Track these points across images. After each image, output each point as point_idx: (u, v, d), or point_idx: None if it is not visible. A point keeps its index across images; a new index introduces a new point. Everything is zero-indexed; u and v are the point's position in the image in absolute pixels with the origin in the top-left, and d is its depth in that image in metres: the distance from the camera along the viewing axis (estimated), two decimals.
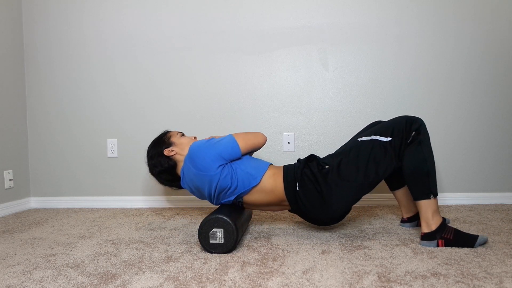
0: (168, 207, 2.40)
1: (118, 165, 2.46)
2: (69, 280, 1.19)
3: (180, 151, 1.62)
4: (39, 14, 2.48)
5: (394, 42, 2.28)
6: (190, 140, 1.66)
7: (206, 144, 1.53)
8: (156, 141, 1.67)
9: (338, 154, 1.54)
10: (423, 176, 1.43)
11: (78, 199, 2.49)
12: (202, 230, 1.43)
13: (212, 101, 2.39)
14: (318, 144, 2.34)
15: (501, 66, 2.24)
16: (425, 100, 2.27)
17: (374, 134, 1.49)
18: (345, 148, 1.56)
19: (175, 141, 1.65)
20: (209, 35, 2.38)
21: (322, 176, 1.48)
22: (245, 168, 1.54)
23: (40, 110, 2.50)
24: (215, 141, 1.54)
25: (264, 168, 1.56)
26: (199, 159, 1.50)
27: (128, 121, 2.45)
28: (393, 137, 1.46)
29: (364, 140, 1.50)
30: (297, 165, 1.58)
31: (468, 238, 1.40)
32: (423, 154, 1.44)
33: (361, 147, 1.49)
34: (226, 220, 1.42)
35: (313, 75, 2.34)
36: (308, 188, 1.50)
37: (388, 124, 1.51)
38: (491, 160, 2.26)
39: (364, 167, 1.46)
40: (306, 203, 1.51)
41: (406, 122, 1.47)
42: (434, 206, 1.43)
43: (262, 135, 1.64)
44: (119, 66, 2.45)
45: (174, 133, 1.70)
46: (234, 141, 1.54)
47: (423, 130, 1.46)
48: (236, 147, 1.53)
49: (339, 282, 1.12)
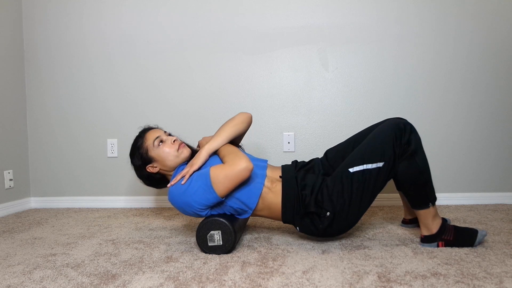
0: (168, 207, 2.40)
1: (118, 165, 2.46)
2: (69, 280, 1.19)
3: (163, 166, 1.54)
4: (39, 14, 2.48)
5: (394, 42, 2.28)
6: (170, 150, 1.52)
7: (184, 195, 1.38)
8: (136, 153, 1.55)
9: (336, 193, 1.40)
10: (420, 188, 1.40)
11: (78, 199, 2.49)
12: (200, 234, 1.43)
13: (212, 101, 2.39)
14: (318, 144, 2.34)
15: (501, 66, 2.24)
16: (425, 100, 2.27)
17: (365, 162, 1.38)
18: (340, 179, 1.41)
19: (153, 156, 1.52)
20: (209, 35, 2.39)
21: (323, 226, 1.43)
22: (234, 205, 1.46)
23: (40, 110, 2.50)
24: (192, 191, 1.37)
25: (254, 202, 1.46)
26: (182, 209, 1.42)
27: (128, 121, 2.45)
28: (385, 160, 1.37)
29: (356, 172, 1.39)
30: (296, 207, 1.45)
31: (467, 234, 1.40)
32: (417, 166, 1.37)
33: (355, 182, 1.38)
34: (223, 222, 1.41)
35: (313, 75, 2.34)
36: (308, 231, 1.48)
37: (377, 142, 1.40)
38: (491, 160, 2.26)
39: (359, 205, 1.41)
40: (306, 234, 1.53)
41: (396, 137, 1.36)
42: (433, 212, 1.42)
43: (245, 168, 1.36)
44: (119, 66, 2.45)
45: (150, 142, 1.53)
46: (212, 191, 1.36)
47: (413, 139, 1.38)
48: (215, 197, 1.37)
49: (339, 282, 1.12)
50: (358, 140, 1.62)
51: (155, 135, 1.54)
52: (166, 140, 1.55)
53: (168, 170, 1.55)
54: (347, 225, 1.46)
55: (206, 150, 1.48)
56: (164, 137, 1.55)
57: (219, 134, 1.52)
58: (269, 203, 1.48)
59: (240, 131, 1.56)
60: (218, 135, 1.52)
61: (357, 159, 1.40)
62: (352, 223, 1.46)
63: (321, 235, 1.49)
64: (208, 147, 1.49)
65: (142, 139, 1.56)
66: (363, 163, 1.38)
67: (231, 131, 1.53)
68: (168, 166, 1.53)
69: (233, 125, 1.54)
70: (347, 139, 1.68)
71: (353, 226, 1.48)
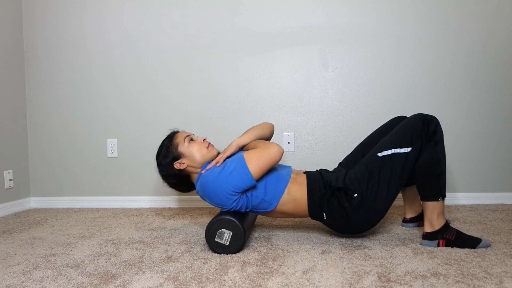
0: (168, 207, 2.40)
1: (118, 165, 2.46)
2: (69, 280, 1.19)
3: (191, 162, 1.55)
4: (39, 14, 2.48)
5: (394, 42, 2.28)
6: (200, 147, 1.56)
7: (218, 178, 1.43)
8: (164, 150, 1.59)
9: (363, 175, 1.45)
10: (435, 178, 1.42)
11: (78, 199, 2.49)
12: (212, 227, 1.41)
13: (212, 101, 2.39)
14: (318, 144, 2.34)
15: (501, 66, 2.24)
16: (425, 100, 2.27)
17: (394, 146, 1.43)
18: (367, 165, 1.47)
19: (183, 152, 1.55)
20: (209, 35, 2.39)
21: (352, 207, 1.44)
22: (260, 195, 1.48)
23: (40, 110, 2.50)
24: (227, 173, 1.42)
25: (281, 191, 1.50)
26: (212, 196, 1.45)
27: (128, 121, 2.45)
28: (413, 145, 1.42)
29: (385, 156, 1.44)
30: (322, 191, 1.49)
31: (470, 241, 1.40)
32: (438, 155, 1.42)
33: (384, 166, 1.43)
34: (238, 225, 1.40)
35: (313, 75, 2.34)
36: (335, 217, 1.49)
37: (405, 129, 1.45)
38: (491, 160, 2.26)
39: (387, 189, 1.43)
40: (332, 226, 1.55)
41: (423, 124, 1.43)
42: (441, 208, 1.43)
43: (276, 151, 1.45)
44: (119, 66, 2.45)
45: (181, 139, 1.58)
46: (247, 171, 1.41)
47: (439, 130, 1.44)
48: (249, 179, 1.42)
49: (339, 282, 1.12)
50: (369, 143, 1.67)
51: (186, 134, 1.62)
52: (196, 139, 1.62)
53: (196, 166, 1.56)
54: (375, 213, 1.45)
55: (236, 143, 1.56)
56: (194, 137, 1.63)
57: (247, 132, 1.61)
58: (294, 194, 1.51)
59: (265, 135, 1.66)
60: (246, 133, 1.61)
61: (386, 145, 1.47)
62: (379, 211, 1.45)
63: (349, 225, 1.47)
64: (238, 141, 1.57)
65: (172, 137, 1.61)
66: (392, 148, 1.44)
67: (258, 132, 1.63)
68: (197, 162, 1.56)
69: (260, 127, 1.65)
70: (355, 148, 1.74)
71: (380, 217, 1.48)
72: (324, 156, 2.33)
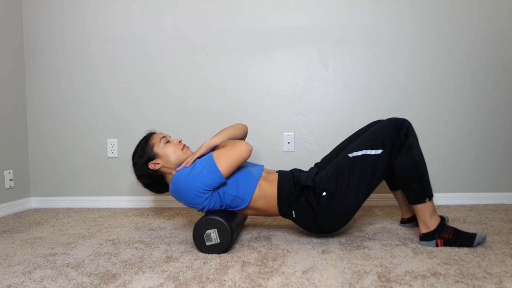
0: (168, 207, 2.40)
1: (118, 165, 2.46)
2: (69, 280, 1.19)
3: (166, 163, 1.56)
4: (40, 13, 2.48)
5: (394, 42, 2.28)
6: (175, 148, 1.58)
7: (188, 177, 1.45)
8: (140, 150, 1.60)
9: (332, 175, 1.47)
10: (417, 181, 1.43)
11: (78, 199, 2.49)
12: (196, 234, 1.44)
13: (212, 101, 2.39)
14: (318, 144, 2.34)
15: (498, 66, 2.24)
16: (424, 100, 2.27)
17: (365, 148, 1.45)
18: (337, 165, 1.49)
19: (158, 153, 1.57)
20: (210, 35, 2.39)
21: (319, 206, 1.46)
22: (233, 192, 1.50)
23: (40, 110, 2.51)
24: (197, 172, 1.45)
25: (253, 188, 1.52)
26: (184, 195, 1.47)
27: (129, 121, 2.45)
28: (384, 148, 1.43)
29: (355, 157, 1.46)
30: (292, 189, 1.51)
31: (466, 237, 1.40)
32: (414, 158, 1.43)
33: (354, 166, 1.45)
34: (218, 219, 1.43)
35: (313, 75, 2.34)
36: (304, 216, 1.51)
37: (377, 133, 1.48)
38: (491, 160, 2.26)
39: (357, 188, 1.44)
40: (301, 225, 1.56)
41: (395, 128, 1.44)
42: (431, 208, 1.44)
43: (245, 148, 1.49)
44: (119, 66, 2.45)
45: (157, 140, 1.60)
46: (216, 169, 1.44)
47: (411, 133, 1.45)
48: (218, 176, 1.45)
49: (339, 282, 1.12)
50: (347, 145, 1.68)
51: (162, 135, 1.63)
52: (172, 140, 1.64)
53: (170, 167, 1.57)
54: (343, 213, 1.46)
55: (207, 143, 1.59)
56: (169, 138, 1.65)
57: (219, 133, 1.65)
58: (265, 191, 1.54)
59: (238, 135, 1.69)
60: (219, 134, 1.64)
61: (357, 146, 1.48)
62: (348, 212, 1.46)
63: (317, 224, 1.49)
64: (209, 142, 1.60)
65: (148, 138, 1.63)
66: (363, 149, 1.46)
67: (231, 133, 1.66)
68: (171, 163, 1.57)
69: (232, 128, 1.69)
70: (333, 149, 1.75)
71: (349, 218, 1.48)
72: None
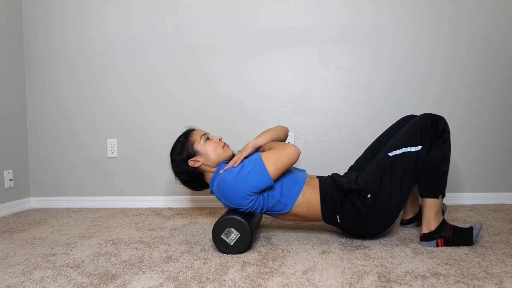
0: (168, 207, 2.40)
1: (118, 165, 2.46)
2: (69, 280, 1.19)
3: (206, 161, 1.55)
4: (40, 13, 2.48)
5: (394, 42, 2.28)
6: (216, 146, 1.56)
7: (236, 178, 1.42)
8: (179, 147, 1.58)
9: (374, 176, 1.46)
10: (438, 176, 1.44)
11: (78, 199, 2.49)
12: (223, 222, 1.41)
13: (212, 101, 2.39)
14: (318, 144, 2.34)
15: (498, 66, 2.24)
16: (424, 100, 2.27)
17: (404, 145, 1.44)
18: (378, 165, 1.47)
19: (199, 150, 1.55)
20: (209, 35, 2.38)
21: (365, 208, 1.44)
22: (276, 196, 1.49)
23: (40, 110, 2.50)
24: (245, 173, 1.42)
25: (297, 194, 1.50)
26: (230, 196, 1.44)
27: (128, 121, 2.45)
28: (423, 144, 1.43)
29: (396, 155, 1.45)
30: (335, 194, 1.50)
31: (465, 234, 1.42)
32: (444, 153, 1.44)
33: (395, 165, 1.44)
34: (248, 229, 1.39)
35: (313, 75, 2.34)
36: (349, 220, 1.49)
37: (415, 128, 1.46)
38: (491, 160, 2.26)
39: (400, 188, 1.43)
40: (346, 230, 1.54)
41: (432, 124, 1.44)
42: (439, 206, 1.44)
43: (294, 152, 1.46)
44: (119, 66, 2.44)
45: (197, 137, 1.58)
46: (265, 172, 1.42)
47: (447, 129, 1.46)
48: (267, 179, 1.42)
49: (339, 282, 1.12)
50: (379, 144, 1.66)
51: (202, 133, 1.62)
52: (212, 138, 1.62)
53: (210, 165, 1.56)
54: (389, 213, 1.45)
55: (252, 143, 1.56)
56: (210, 136, 1.63)
57: (263, 134, 1.62)
58: (308, 197, 1.52)
59: (280, 137, 1.66)
60: (262, 134, 1.62)
61: (396, 144, 1.47)
62: (394, 212, 1.45)
63: (363, 227, 1.47)
64: (254, 142, 1.57)
65: (188, 135, 1.62)
66: (403, 147, 1.45)
67: (274, 134, 1.63)
68: (211, 161, 1.55)
69: (275, 130, 1.66)
70: (364, 151, 1.74)
71: (395, 218, 1.47)
72: (324, 156, 2.33)
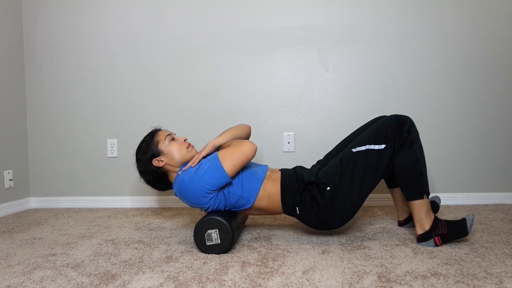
0: (168, 207, 2.40)
1: (118, 165, 2.46)
2: (69, 280, 1.19)
3: (170, 161, 1.56)
4: (40, 13, 2.48)
5: (394, 42, 2.28)
6: (180, 146, 1.58)
7: (194, 177, 1.45)
8: (144, 146, 1.59)
9: (336, 169, 1.48)
10: (416, 177, 1.44)
11: (78, 199, 2.49)
12: (197, 234, 1.44)
13: (212, 101, 2.39)
14: (318, 144, 2.34)
15: (501, 66, 2.24)
16: (425, 100, 2.27)
17: (368, 143, 1.46)
18: (341, 160, 1.50)
19: (163, 150, 1.56)
20: (209, 35, 2.39)
21: (324, 201, 1.46)
22: (238, 192, 1.51)
23: (40, 110, 2.50)
24: (202, 171, 1.45)
25: (257, 188, 1.52)
26: (189, 195, 1.47)
27: (128, 121, 2.45)
28: (387, 143, 1.45)
29: (359, 152, 1.47)
30: (295, 186, 1.52)
31: (459, 224, 1.43)
32: (415, 154, 1.45)
33: (358, 161, 1.45)
34: (220, 220, 1.43)
35: (313, 75, 2.34)
36: (308, 212, 1.50)
37: (380, 128, 1.48)
38: (491, 160, 2.26)
39: (360, 184, 1.45)
40: (305, 222, 1.55)
41: (397, 124, 1.46)
42: (427, 205, 1.45)
43: (249, 148, 1.49)
44: (119, 66, 2.45)
45: (162, 137, 1.60)
46: (221, 169, 1.44)
47: (413, 130, 1.47)
48: (224, 176, 1.45)
49: (339, 282, 1.12)
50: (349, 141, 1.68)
51: (167, 133, 1.63)
52: (177, 138, 1.63)
53: (174, 165, 1.57)
54: (347, 208, 1.46)
55: (212, 143, 1.59)
56: (175, 136, 1.64)
57: (223, 133, 1.65)
58: (269, 190, 1.54)
59: (241, 136, 1.70)
60: (222, 134, 1.65)
61: (361, 142, 1.49)
62: (351, 207, 1.46)
63: (321, 220, 1.49)
64: (213, 141, 1.60)
65: (154, 135, 1.63)
66: (367, 144, 1.47)
67: (234, 133, 1.67)
68: (175, 161, 1.57)
69: (236, 128, 1.70)
70: (336, 146, 1.75)
71: (353, 213, 1.48)
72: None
